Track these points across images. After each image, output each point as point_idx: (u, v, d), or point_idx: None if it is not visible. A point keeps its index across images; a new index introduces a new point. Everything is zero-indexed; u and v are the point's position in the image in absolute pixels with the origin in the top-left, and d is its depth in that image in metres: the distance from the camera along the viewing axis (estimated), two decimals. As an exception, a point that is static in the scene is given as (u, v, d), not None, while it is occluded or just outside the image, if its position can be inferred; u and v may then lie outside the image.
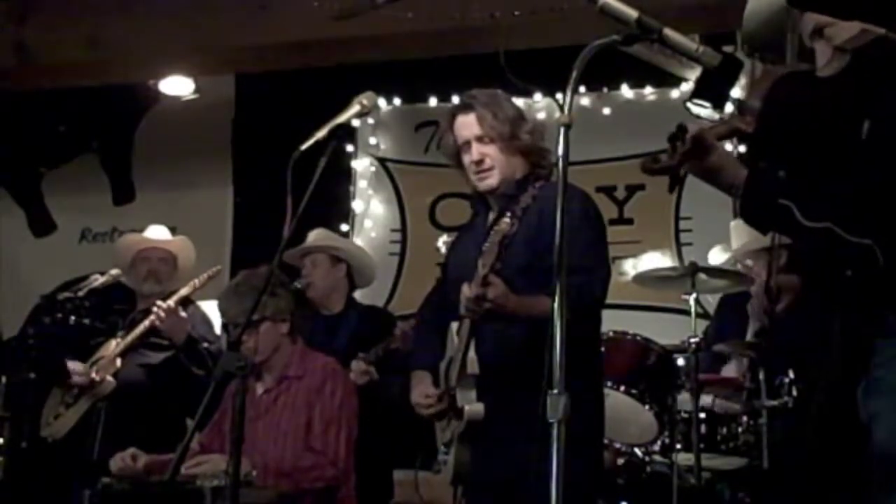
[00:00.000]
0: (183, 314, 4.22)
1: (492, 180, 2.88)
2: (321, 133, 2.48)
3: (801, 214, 1.85)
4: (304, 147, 2.44)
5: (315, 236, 4.51)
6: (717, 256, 4.36)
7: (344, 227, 5.94)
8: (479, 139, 2.88)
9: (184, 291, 4.26)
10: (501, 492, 2.73)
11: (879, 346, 1.87)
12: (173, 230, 4.84)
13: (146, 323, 4.24)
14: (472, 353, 2.73)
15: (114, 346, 4.31)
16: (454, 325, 2.82)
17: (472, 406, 2.74)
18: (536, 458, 2.48)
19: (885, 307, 1.85)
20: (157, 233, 4.73)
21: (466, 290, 2.64)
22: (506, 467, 2.66)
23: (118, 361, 4.28)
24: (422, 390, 2.93)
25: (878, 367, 1.87)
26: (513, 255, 2.68)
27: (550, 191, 2.75)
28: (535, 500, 2.47)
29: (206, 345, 4.23)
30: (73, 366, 4.28)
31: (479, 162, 2.88)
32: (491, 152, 2.87)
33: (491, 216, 2.92)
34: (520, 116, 2.93)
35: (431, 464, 3.11)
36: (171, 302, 4.19)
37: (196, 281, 4.31)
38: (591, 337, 2.91)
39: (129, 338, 4.28)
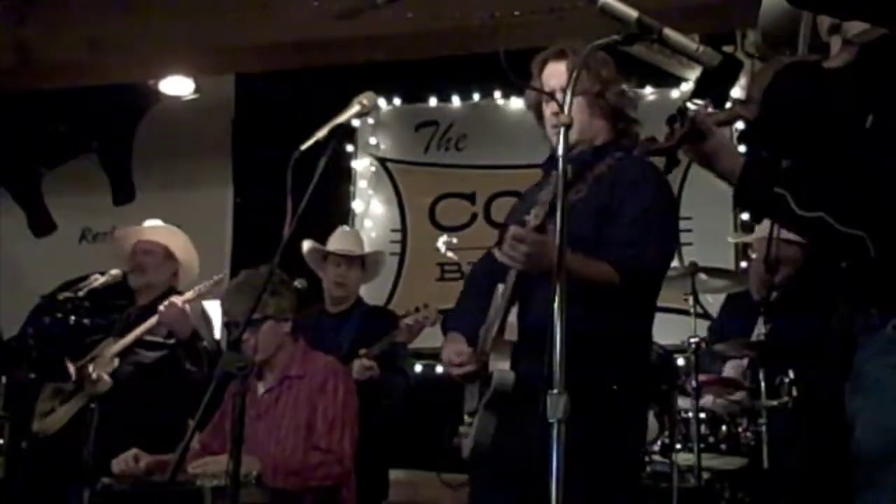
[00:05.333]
0: (188, 309, 4.20)
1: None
2: (321, 133, 2.48)
3: (795, 203, 1.85)
4: (304, 147, 2.44)
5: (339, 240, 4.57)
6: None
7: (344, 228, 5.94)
8: (565, 90, 2.78)
9: (189, 295, 4.23)
10: (520, 469, 2.48)
11: (863, 342, 1.86)
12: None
13: (148, 323, 4.22)
14: (512, 318, 2.53)
15: (112, 344, 4.28)
16: (500, 287, 2.62)
17: (502, 374, 2.52)
18: (567, 437, 2.41)
19: (870, 302, 1.85)
20: (147, 225, 4.71)
21: (514, 230, 2.41)
22: (528, 444, 2.42)
23: (115, 361, 4.24)
24: (454, 347, 2.70)
25: (861, 363, 1.85)
26: (576, 221, 2.47)
27: (629, 163, 2.61)
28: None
29: (206, 343, 4.22)
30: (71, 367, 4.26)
31: (558, 113, 2.65)
32: (574, 106, 2.68)
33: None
34: (613, 78, 2.74)
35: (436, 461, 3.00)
36: (175, 300, 4.17)
37: (200, 287, 4.29)
38: (641, 335, 2.69)
39: (129, 337, 4.25)
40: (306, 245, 4.44)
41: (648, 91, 5.71)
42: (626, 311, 2.55)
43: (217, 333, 4.48)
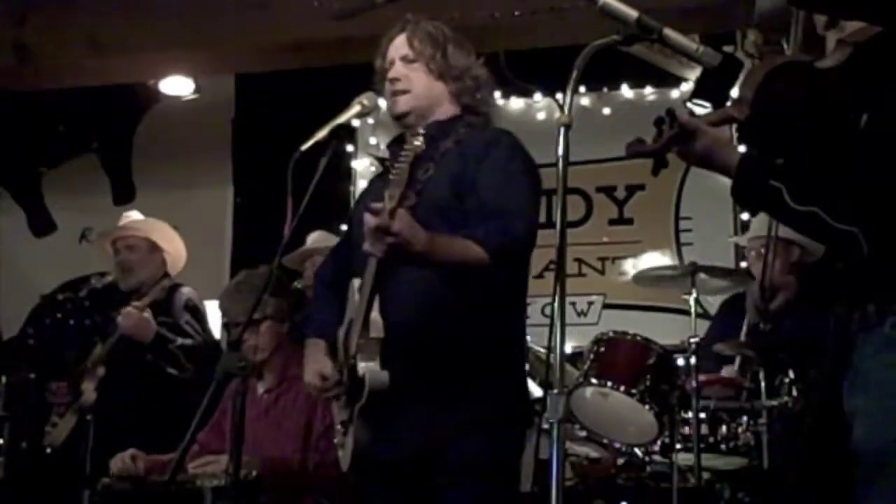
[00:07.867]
0: (146, 315, 3.96)
1: (401, 105, 2.60)
2: (321, 133, 2.48)
3: (790, 197, 1.86)
4: (304, 147, 2.44)
5: (315, 238, 4.51)
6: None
7: (344, 228, 5.93)
8: (404, 58, 2.61)
9: (145, 301, 4.02)
10: (407, 474, 2.42)
11: (861, 339, 1.86)
12: (174, 230, 4.77)
13: (112, 339, 4.07)
14: (375, 314, 2.34)
15: (95, 354, 4.17)
16: (356, 282, 2.46)
17: (375, 374, 2.31)
18: (452, 434, 2.35)
19: (867, 298, 1.84)
20: (123, 221, 4.53)
21: (369, 219, 2.18)
22: (413, 445, 2.39)
23: (100, 370, 4.12)
24: (316, 369, 2.52)
25: (859, 361, 1.85)
26: (432, 195, 2.43)
27: (477, 134, 2.55)
28: (451, 483, 2.34)
29: (180, 341, 4.01)
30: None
31: (394, 80, 2.59)
32: (410, 74, 2.59)
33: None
34: (460, 52, 2.64)
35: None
36: (131, 308, 3.97)
37: (153, 293, 4.10)
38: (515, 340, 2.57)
39: (105, 346, 4.12)
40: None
41: (648, 91, 5.72)
42: (498, 309, 2.46)
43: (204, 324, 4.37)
